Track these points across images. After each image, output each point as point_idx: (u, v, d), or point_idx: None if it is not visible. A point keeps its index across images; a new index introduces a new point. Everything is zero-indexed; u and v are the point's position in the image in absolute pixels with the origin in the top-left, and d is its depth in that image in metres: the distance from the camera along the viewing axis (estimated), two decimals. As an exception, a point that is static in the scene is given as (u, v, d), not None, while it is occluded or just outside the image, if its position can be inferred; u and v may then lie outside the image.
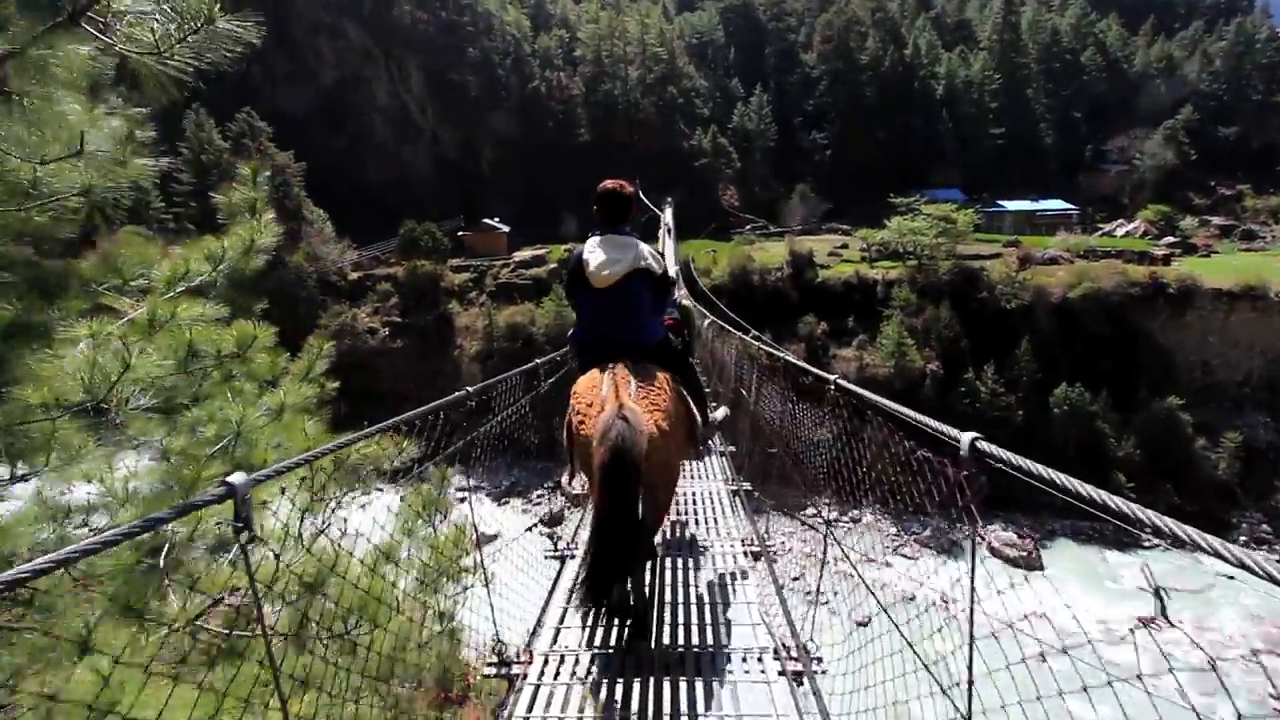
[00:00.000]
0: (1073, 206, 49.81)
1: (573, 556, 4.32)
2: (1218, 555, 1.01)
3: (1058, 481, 1.36)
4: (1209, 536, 1.05)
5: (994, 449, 1.58)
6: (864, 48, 57.78)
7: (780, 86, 60.04)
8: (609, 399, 2.73)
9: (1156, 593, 19.65)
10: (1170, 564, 22.87)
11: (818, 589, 3.30)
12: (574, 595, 3.51)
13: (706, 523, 4.93)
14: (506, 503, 26.92)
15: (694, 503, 5.33)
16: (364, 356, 32.57)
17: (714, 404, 5.45)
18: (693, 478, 5.97)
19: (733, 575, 3.92)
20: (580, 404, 2.97)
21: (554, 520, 24.78)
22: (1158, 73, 62.26)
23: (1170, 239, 41.97)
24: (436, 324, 33.58)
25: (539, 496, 26.73)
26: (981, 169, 53.44)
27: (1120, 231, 45.19)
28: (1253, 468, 25.78)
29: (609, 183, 3.46)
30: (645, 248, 3.39)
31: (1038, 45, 60.37)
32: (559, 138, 53.55)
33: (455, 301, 34.76)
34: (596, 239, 3.33)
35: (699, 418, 3.43)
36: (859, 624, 2.36)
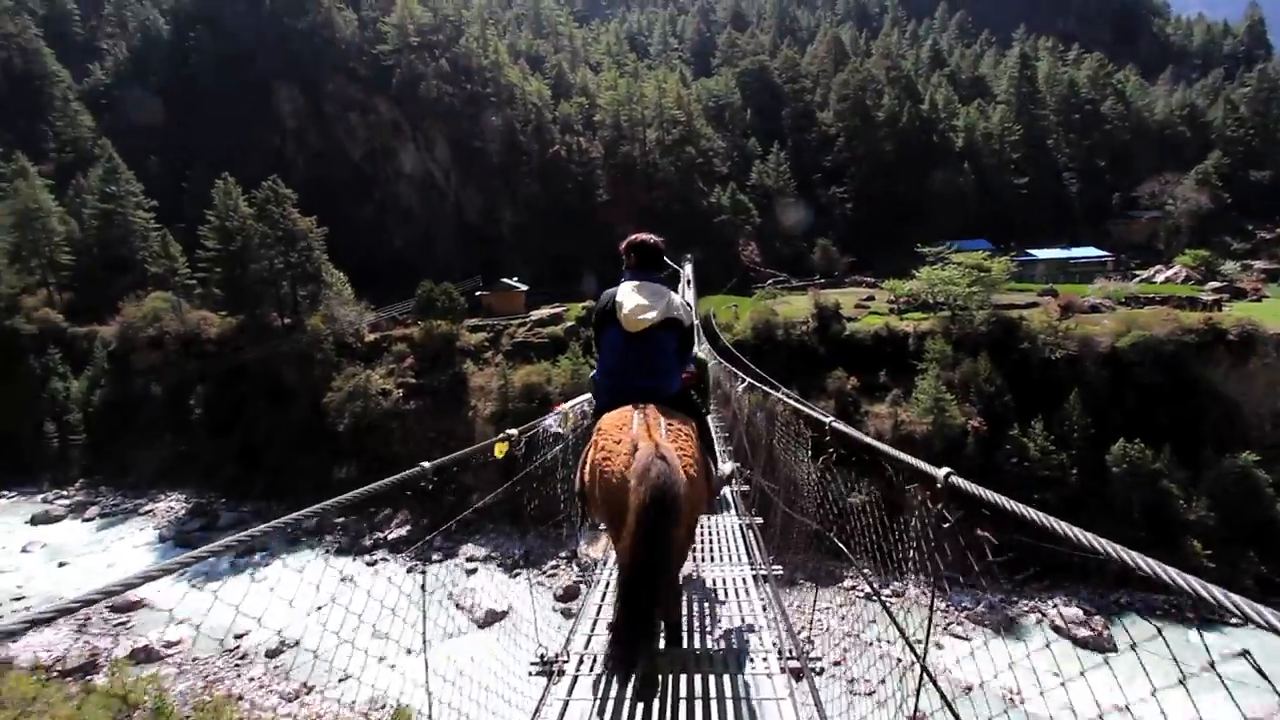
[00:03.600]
0: (1106, 254, 48.25)
1: (563, 672, 3.63)
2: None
3: (1039, 521, 1.28)
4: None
5: (966, 483, 1.59)
6: (880, 104, 58.36)
7: (798, 145, 60.63)
8: (641, 437, 2.66)
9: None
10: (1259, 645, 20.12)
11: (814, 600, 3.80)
12: (606, 657, 3.45)
13: (719, 550, 5.14)
14: (518, 574, 25.18)
15: (709, 536, 5.49)
16: (377, 419, 31.86)
17: (725, 453, 5.66)
18: (713, 560, 5.81)
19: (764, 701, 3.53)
20: (607, 440, 2.86)
21: (569, 595, 22.99)
22: (1181, 120, 61.67)
23: (1215, 284, 40.03)
24: (451, 384, 32.83)
25: (553, 567, 24.99)
26: (1006, 218, 52.47)
27: (1160, 278, 43.33)
28: (1347, 531, 23.02)
29: (640, 234, 3.55)
30: (677, 298, 3.41)
31: (1055, 97, 60.42)
32: (579, 199, 54.28)
33: (470, 362, 34.10)
34: (631, 284, 3.36)
35: (713, 470, 3.39)
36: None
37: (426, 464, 2.68)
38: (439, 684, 2.99)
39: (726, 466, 4.43)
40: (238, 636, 22.58)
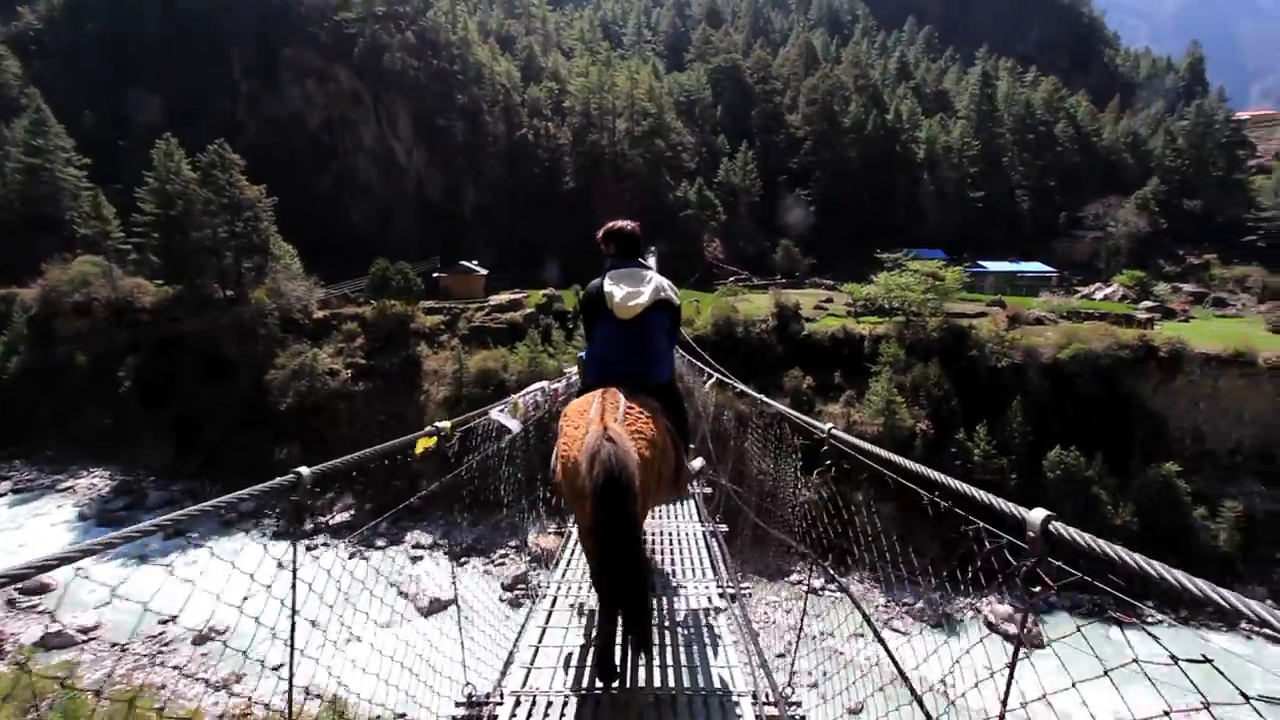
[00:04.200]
0: (1052, 269, 50.43)
1: (544, 595, 4.04)
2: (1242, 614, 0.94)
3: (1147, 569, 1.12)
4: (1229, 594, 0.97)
5: (1069, 530, 1.33)
6: (847, 111, 59.36)
7: (765, 145, 61.13)
8: (594, 420, 2.70)
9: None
10: (1178, 645, 21.37)
11: (799, 630, 3.31)
12: (590, 658, 3.39)
13: (681, 564, 4.76)
14: (466, 563, 24.65)
15: (669, 544, 5.16)
16: (323, 399, 30.64)
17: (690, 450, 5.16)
18: (666, 517, 5.84)
19: (707, 623, 3.74)
20: (569, 425, 2.92)
21: (516, 583, 22.61)
22: (1125, 147, 64.89)
23: (1148, 303, 42.31)
24: (403, 367, 31.83)
25: (501, 556, 24.55)
26: (961, 230, 54.21)
27: (1099, 294, 45.53)
28: (1254, 539, 24.66)
29: (618, 222, 3.56)
30: (662, 280, 3.43)
31: (1012, 116, 62.64)
32: (545, 185, 53.41)
33: (425, 344, 33.12)
34: (615, 273, 3.37)
35: (683, 455, 3.40)
36: (851, 712, 2.39)
37: (305, 470, 1.98)
38: (383, 669, 2.89)
39: (695, 463, 4.36)
40: (162, 622, 21.35)
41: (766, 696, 3.08)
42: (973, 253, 50.31)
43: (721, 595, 4.15)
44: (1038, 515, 1.41)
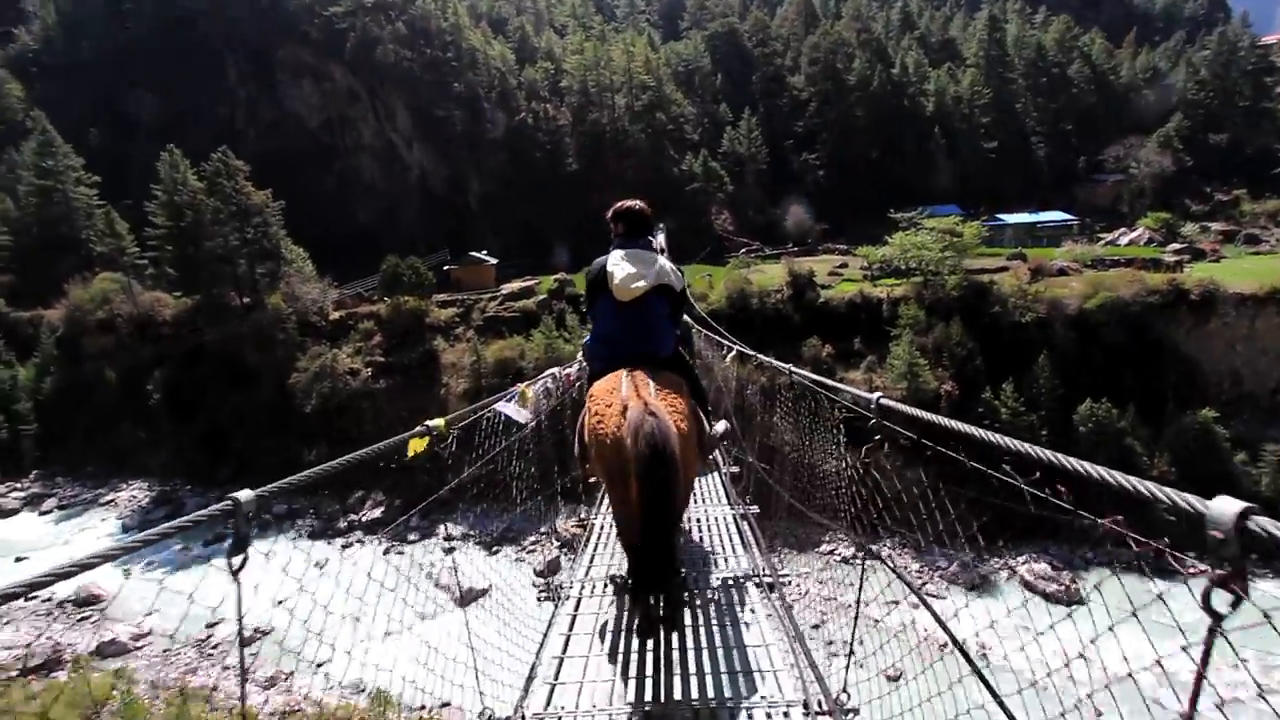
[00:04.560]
0: (1073, 217, 48.90)
1: (568, 597, 3.94)
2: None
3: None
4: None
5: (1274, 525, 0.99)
6: (851, 68, 57.64)
7: (769, 110, 59.73)
8: (630, 398, 2.74)
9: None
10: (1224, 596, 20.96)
11: (853, 634, 3.01)
12: (624, 598, 3.52)
13: (714, 552, 4.51)
14: (499, 551, 24.95)
15: (700, 530, 4.91)
16: (346, 399, 31.00)
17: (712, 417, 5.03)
18: (696, 502, 5.60)
19: (748, 612, 3.59)
20: (599, 405, 2.95)
21: (550, 570, 22.89)
22: (1145, 83, 62.29)
23: (1176, 245, 40.91)
24: (421, 361, 32.02)
25: (533, 543, 24.80)
26: (976, 183, 52.71)
27: (1124, 240, 44.12)
28: (1299, 482, 23.99)
29: (626, 201, 3.58)
30: (667, 264, 3.46)
31: (1023, 60, 60.38)
32: (547, 168, 52.88)
33: (441, 338, 33.24)
34: (620, 253, 3.39)
35: (706, 426, 3.45)
36: (889, 678, 2.20)
37: (245, 494, 1.56)
38: (433, 661, 2.90)
39: (719, 426, 4.38)
40: (209, 626, 21.99)
41: (819, 705, 2.81)
42: (989, 206, 48.89)
43: (759, 585, 3.88)
44: (1229, 508, 0.98)
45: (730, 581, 3.94)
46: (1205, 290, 27.33)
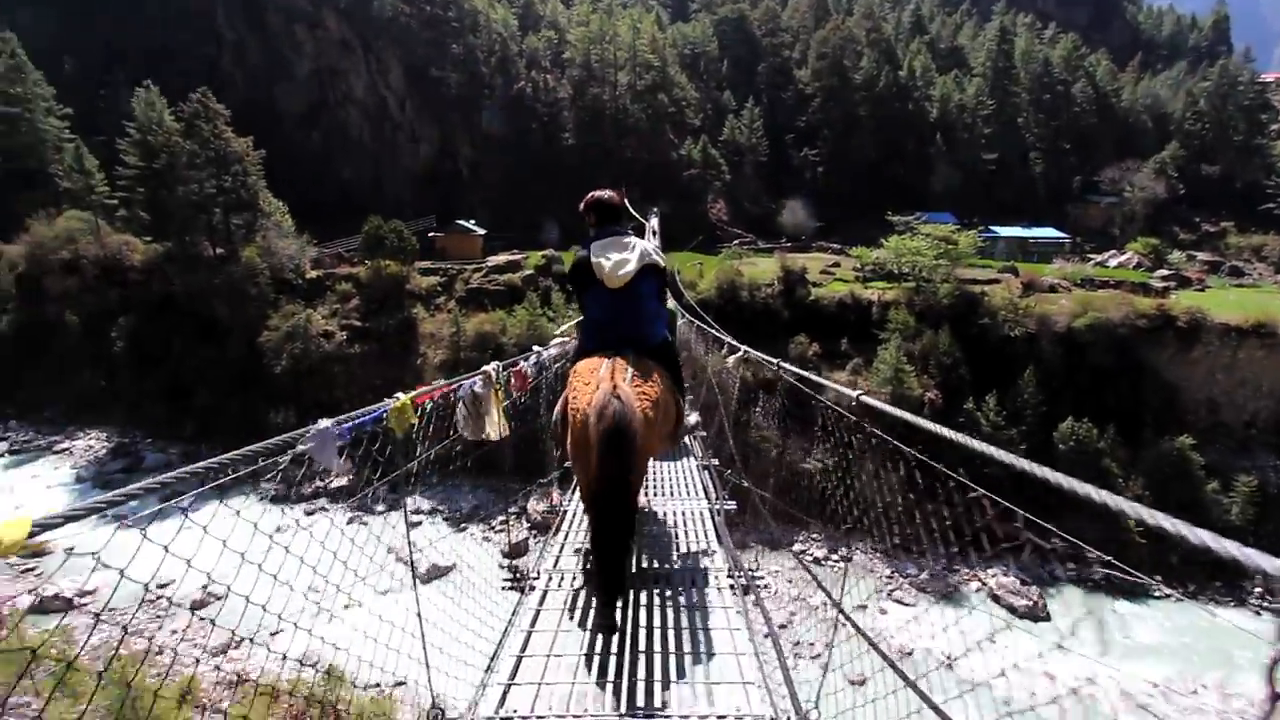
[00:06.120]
0: (1064, 235, 49.14)
1: (533, 588, 3.81)
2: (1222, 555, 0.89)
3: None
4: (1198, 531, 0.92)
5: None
6: (859, 67, 57.02)
7: (773, 102, 58.95)
8: (604, 380, 2.90)
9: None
10: (1186, 619, 21.22)
11: (831, 642, 3.03)
12: (587, 588, 3.62)
13: (687, 548, 4.36)
14: (465, 528, 24.34)
15: (674, 524, 4.78)
16: (317, 362, 29.95)
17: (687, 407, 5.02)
18: (671, 495, 5.52)
19: (718, 614, 3.49)
20: (578, 383, 3.11)
21: (516, 552, 22.33)
22: (1144, 109, 62.66)
23: (1163, 271, 41.27)
24: (399, 329, 31.02)
25: (502, 524, 24.22)
26: (973, 194, 52.65)
27: (1113, 262, 44.41)
28: (1267, 513, 24.33)
29: (597, 192, 3.68)
30: (647, 244, 3.53)
31: (1029, 75, 60.26)
32: (544, 141, 51.62)
33: (421, 306, 32.24)
34: (600, 243, 3.48)
35: (681, 414, 3.61)
36: (853, 683, 2.21)
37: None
38: (390, 638, 2.72)
39: (691, 417, 4.72)
40: (160, 586, 20.94)
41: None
42: (983, 216, 48.94)
43: (732, 588, 3.70)
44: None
45: (701, 580, 3.82)
46: (1193, 318, 27.46)
